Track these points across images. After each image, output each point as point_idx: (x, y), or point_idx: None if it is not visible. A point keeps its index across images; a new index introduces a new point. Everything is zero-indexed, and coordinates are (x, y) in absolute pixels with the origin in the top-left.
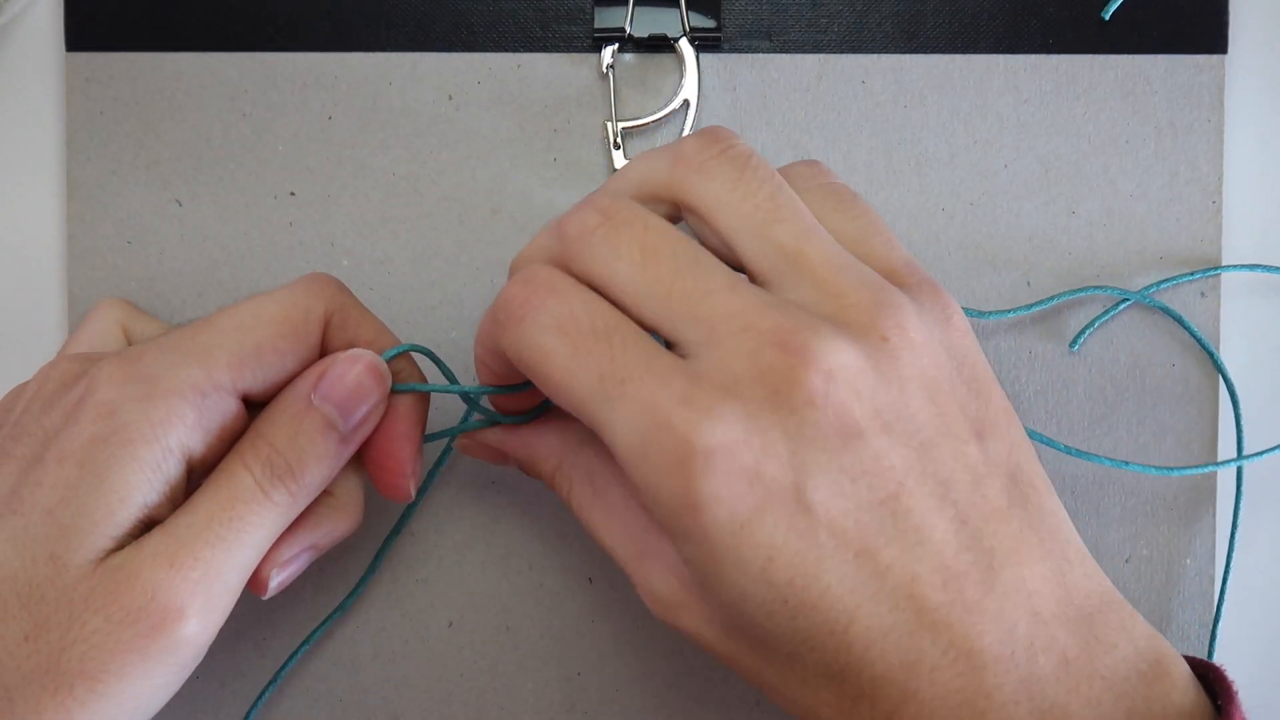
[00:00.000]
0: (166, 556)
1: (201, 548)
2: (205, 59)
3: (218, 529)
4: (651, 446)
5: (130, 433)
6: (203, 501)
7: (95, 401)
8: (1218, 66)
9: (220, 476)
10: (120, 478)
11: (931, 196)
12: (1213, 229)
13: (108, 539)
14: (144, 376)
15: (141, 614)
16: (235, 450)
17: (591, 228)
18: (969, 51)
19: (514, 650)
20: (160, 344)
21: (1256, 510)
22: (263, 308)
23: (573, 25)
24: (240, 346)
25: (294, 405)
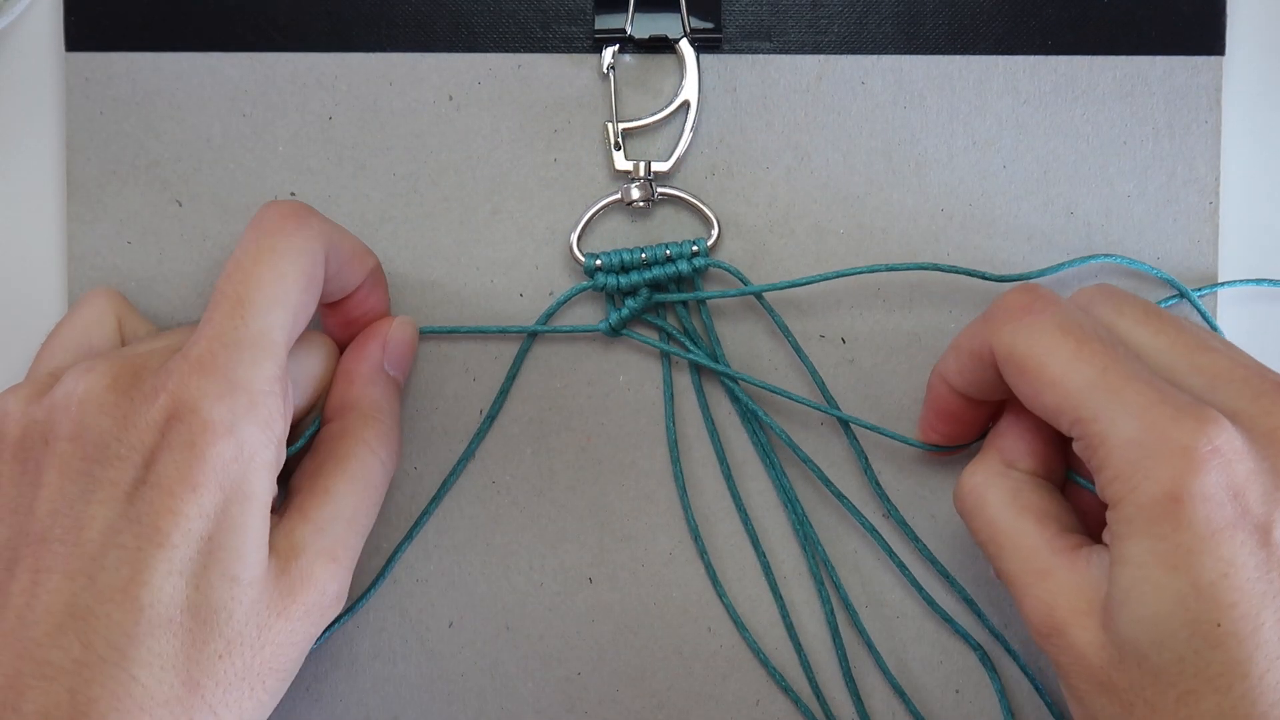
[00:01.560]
0: (329, 554)
1: (355, 540)
2: (205, 59)
3: (363, 520)
4: (1151, 438)
5: (254, 445)
6: (343, 492)
7: (203, 422)
8: (1215, 68)
9: (352, 464)
10: (261, 489)
11: (930, 197)
12: (1210, 230)
13: (265, 547)
14: (237, 385)
15: (315, 607)
16: (351, 434)
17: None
18: (968, 52)
19: (514, 650)
20: (223, 340)
21: None
22: (283, 268)
23: (573, 26)
24: (287, 320)
25: (379, 379)
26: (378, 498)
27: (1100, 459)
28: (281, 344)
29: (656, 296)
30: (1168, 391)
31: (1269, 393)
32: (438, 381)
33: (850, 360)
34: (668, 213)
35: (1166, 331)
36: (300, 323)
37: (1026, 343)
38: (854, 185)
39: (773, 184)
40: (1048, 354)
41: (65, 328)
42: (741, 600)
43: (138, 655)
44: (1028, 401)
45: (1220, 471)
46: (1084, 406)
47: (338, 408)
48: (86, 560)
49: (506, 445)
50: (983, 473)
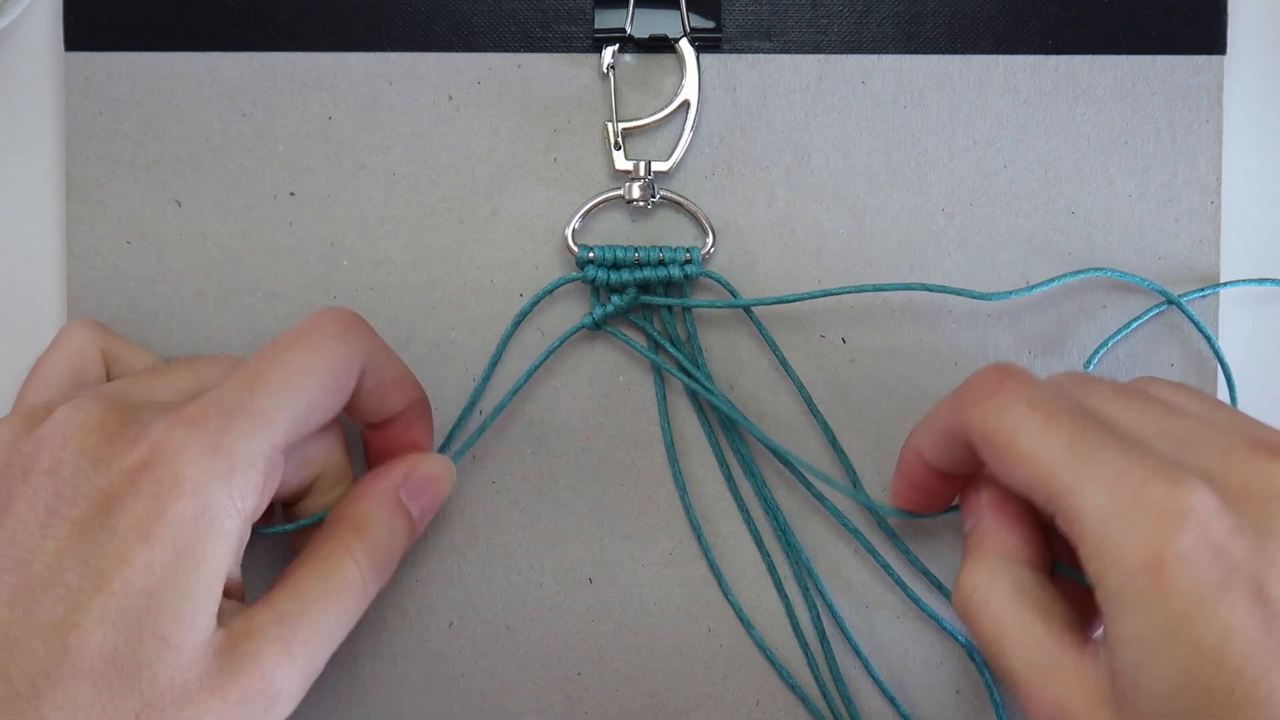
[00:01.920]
0: (283, 644)
1: (317, 640)
2: (205, 59)
3: (329, 620)
4: (1124, 507)
5: (218, 511)
6: (314, 590)
7: (175, 476)
8: (1217, 67)
9: (328, 565)
10: (214, 557)
11: (931, 197)
12: (1211, 229)
13: (211, 617)
14: (218, 448)
15: (257, 696)
16: (337, 536)
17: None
18: (969, 52)
19: (514, 650)
20: (223, 406)
21: None
22: (311, 365)
23: (573, 25)
24: (296, 409)
25: (388, 502)
26: (349, 609)
27: (1078, 533)
28: (281, 428)
29: (643, 298)
30: (1138, 456)
31: (1238, 449)
32: (438, 382)
33: (850, 360)
34: (668, 215)
35: (1134, 403)
36: (312, 419)
37: (997, 420)
38: (854, 185)
39: (773, 183)
40: (1017, 429)
41: (48, 362)
42: (741, 600)
43: (52, 697)
44: (1004, 479)
45: (1198, 531)
46: (1055, 479)
47: (336, 517)
48: (26, 593)
49: (506, 445)
50: (984, 570)
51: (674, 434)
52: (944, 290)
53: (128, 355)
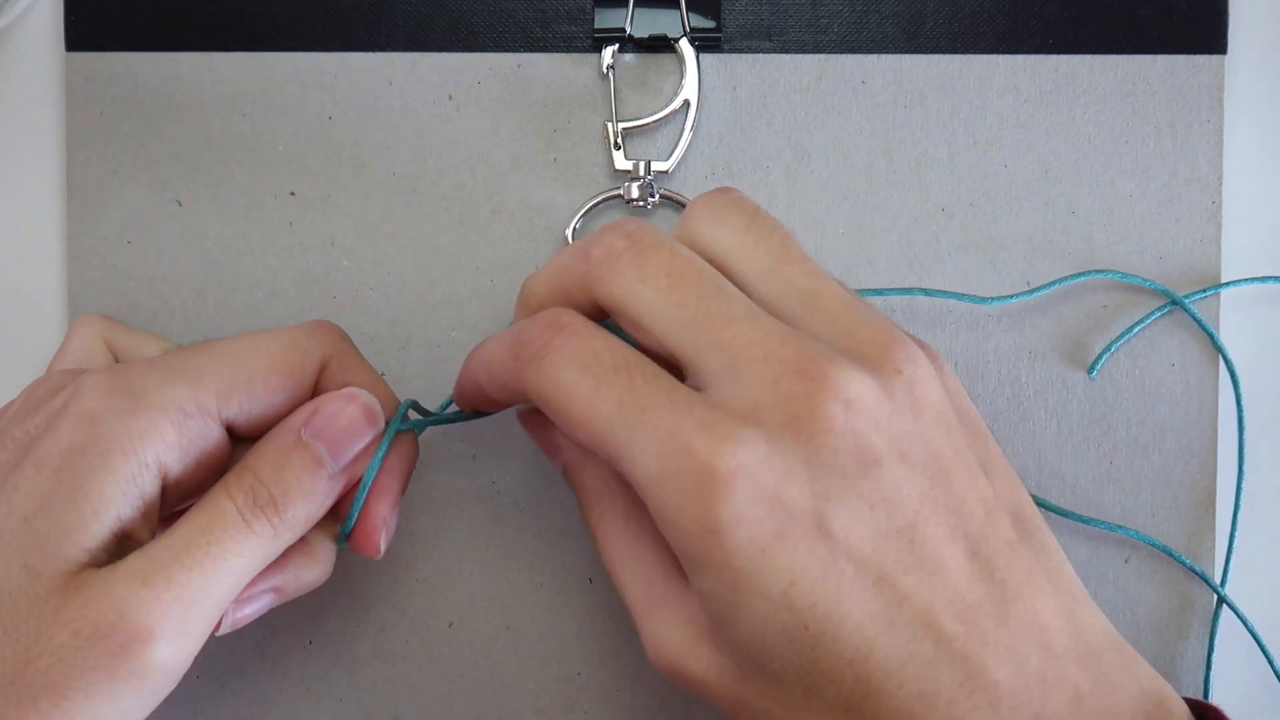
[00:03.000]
0: (140, 575)
1: (177, 570)
2: (205, 59)
3: (195, 553)
4: (672, 471)
5: (108, 443)
6: (182, 527)
7: (77, 409)
8: (1217, 67)
9: (203, 503)
10: (95, 488)
11: (931, 196)
12: (1212, 229)
13: (81, 551)
14: (129, 389)
15: (110, 631)
16: (221, 480)
17: (618, 251)
18: (969, 52)
19: (514, 650)
20: (151, 362)
21: (1255, 509)
22: (260, 341)
23: (573, 25)
24: (231, 374)
25: (283, 439)
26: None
27: (640, 495)
28: (210, 387)
29: None
30: (684, 411)
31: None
32: (437, 382)
33: None
34: (668, 214)
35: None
36: (255, 393)
37: (552, 384)
38: (854, 185)
39: (773, 183)
40: (569, 396)
41: (55, 364)
42: None
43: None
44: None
45: (748, 488)
46: (610, 443)
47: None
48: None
49: (506, 445)
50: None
51: None
52: (943, 295)
53: (135, 344)
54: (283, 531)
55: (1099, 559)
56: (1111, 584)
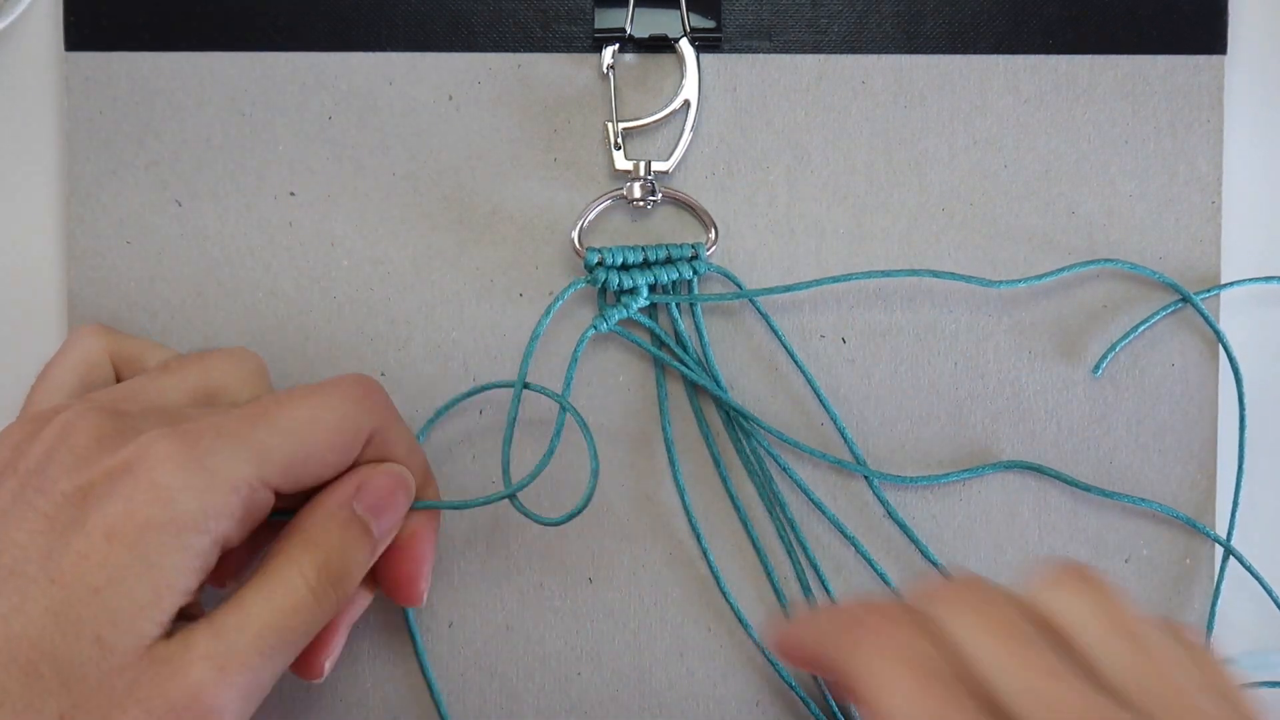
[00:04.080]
0: (217, 660)
1: (253, 656)
2: (205, 59)
3: (271, 639)
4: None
5: (184, 522)
6: (256, 604)
7: (151, 481)
8: (1217, 67)
9: (274, 580)
10: (171, 566)
11: (931, 197)
12: (1212, 229)
13: (154, 626)
14: (202, 465)
15: (184, 711)
16: (284, 552)
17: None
18: (969, 52)
19: (514, 650)
20: (218, 428)
21: (1254, 510)
22: (320, 416)
23: (573, 25)
24: (295, 453)
25: (340, 514)
26: (295, 625)
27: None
28: (274, 463)
29: (653, 297)
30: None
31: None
32: (436, 382)
33: (850, 360)
34: (668, 213)
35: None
36: (310, 468)
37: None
38: (854, 185)
39: (773, 184)
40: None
41: (55, 368)
42: (741, 601)
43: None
44: None
45: None
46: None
47: (288, 533)
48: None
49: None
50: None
51: (676, 434)
52: (951, 277)
53: (138, 353)
54: (341, 603)
55: (1099, 560)
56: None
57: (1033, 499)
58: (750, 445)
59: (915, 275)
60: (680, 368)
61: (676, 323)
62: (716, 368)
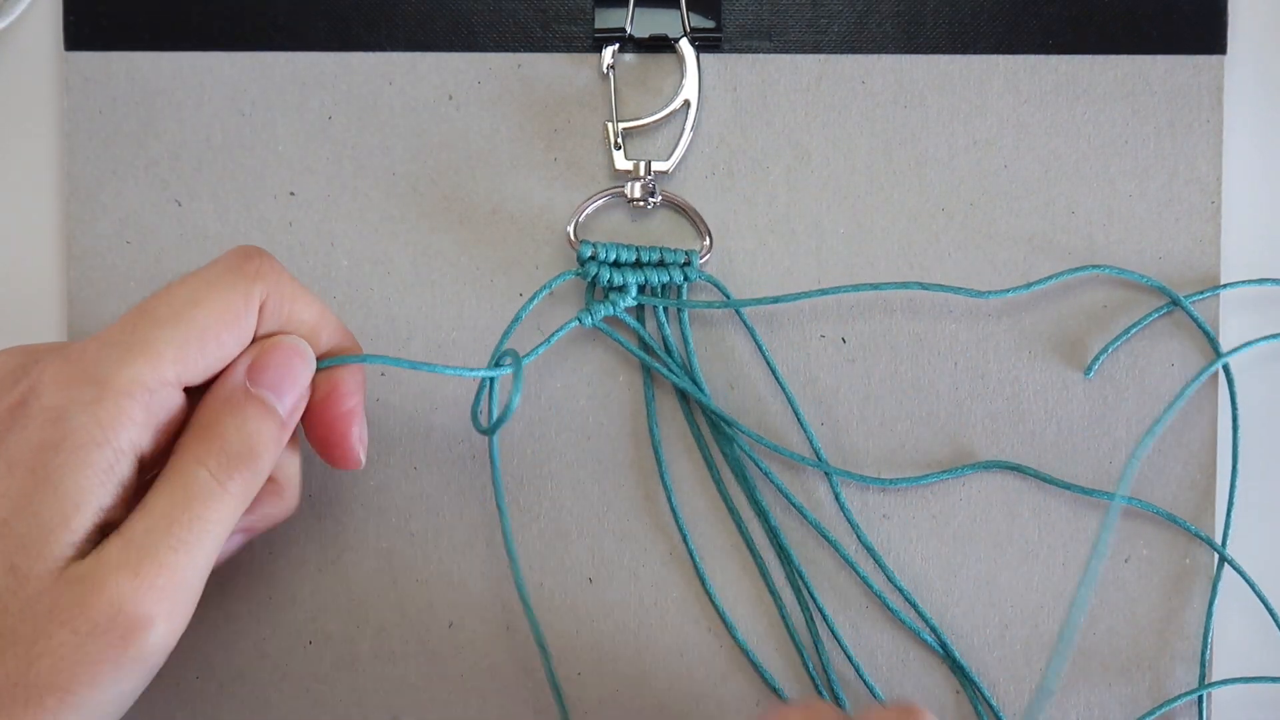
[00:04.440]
0: (130, 566)
1: (165, 553)
2: (205, 58)
3: (179, 532)
4: None
5: (80, 437)
6: (159, 503)
7: (41, 406)
8: (1217, 67)
9: (174, 476)
10: (74, 484)
11: (931, 196)
12: (1211, 229)
13: (67, 547)
14: (90, 378)
15: (110, 625)
16: (182, 446)
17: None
18: (969, 52)
19: (514, 651)
20: (101, 339)
21: (1252, 512)
22: (200, 295)
23: (573, 25)
24: (184, 338)
25: (234, 395)
26: (205, 516)
27: None
28: (166, 357)
29: (640, 298)
30: None
31: None
32: (438, 381)
33: (850, 360)
34: (668, 215)
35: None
36: (207, 351)
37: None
38: (854, 184)
39: (773, 183)
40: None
41: None
42: (736, 603)
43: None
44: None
45: None
46: None
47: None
48: None
49: (506, 445)
50: None
51: (668, 436)
52: (940, 289)
53: None
54: (253, 485)
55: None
56: (1112, 584)
57: (1032, 500)
58: (732, 450)
59: (905, 288)
60: (663, 371)
61: (663, 326)
62: (699, 373)
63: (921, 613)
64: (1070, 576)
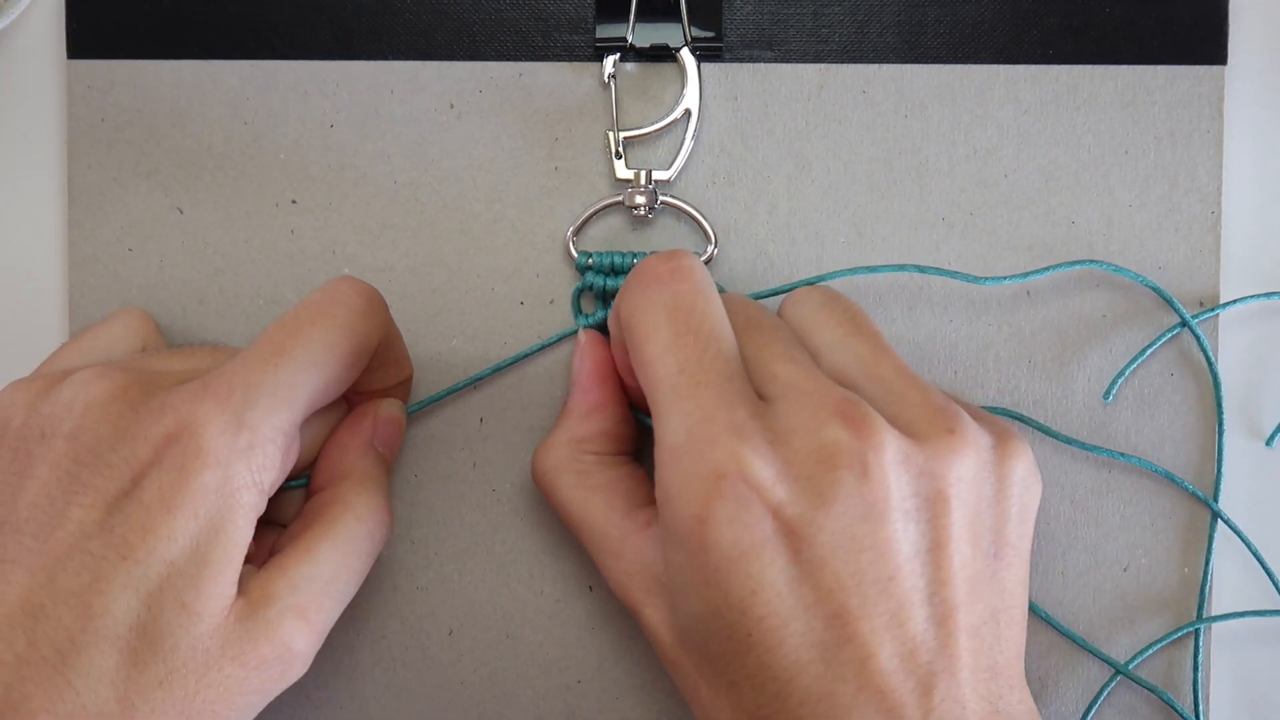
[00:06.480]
0: (299, 610)
1: (328, 602)
2: (206, 66)
3: (343, 586)
4: (690, 452)
5: (239, 484)
6: (326, 553)
7: (199, 449)
8: (1217, 77)
9: (337, 529)
10: (234, 528)
11: (932, 206)
12: (1211, 239)
13: (230, 585)
14: (243, 423)
15: (276, 661)
16: (341, 501)
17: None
18: (969, 61)
19: (514, 658)
20: (247, 379)
21: (1253, 516)
22: (334, 341)
23: (574, 35)
24: (322, 388)
25: (370, 452)
26: (360, 566)
27: (655, 454)
28: (302, 403)
29: None
30: (725, 406)
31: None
32: (438, 388)
33: None
34: (669, 222)
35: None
36: (329, 394)
37: (640, 316)
38: (855, 194)
39: (774, 193)
40: (649, 334)
41: (88, 336)
42: None
43: (78, 663)
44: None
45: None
46: (655, 398)
47: (329, 476)
48: (51, 559)
49: (507, 452)
50: (552, 457)
51: None
52: (936, 272)
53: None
54: None
55: (1098, 567)
56: (1110, 592)
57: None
58: None
59: (902, 270)
60: None
61: None
62: None
63: None
64: (1069, 585)
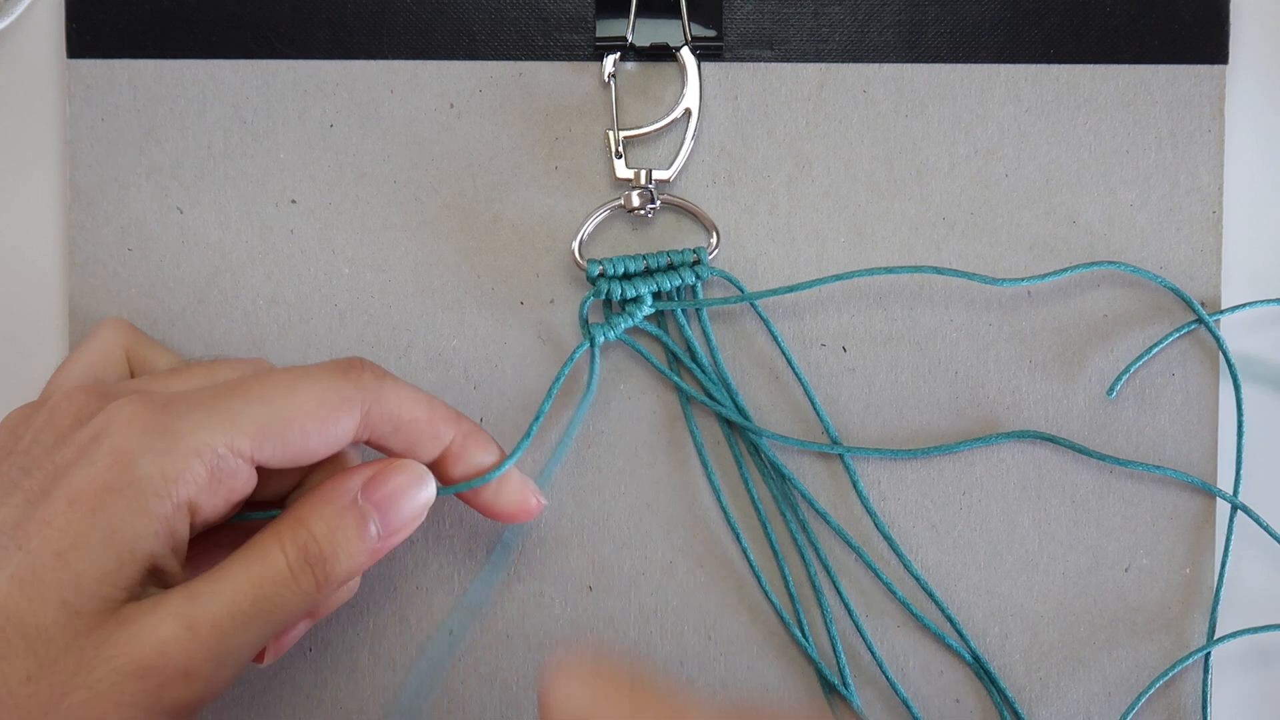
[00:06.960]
0: (185, 618)
1: (223, 618)
2: (207, 66)
3: (242, 604)
4: None
5: (143, 485)
6: (233, 572)
7: (112, 446)
8: (1218, 76)
9: (255, 551)
10: (131, 529)
11: (932, 206)
12: (1213, 239)
13: (119, 590)
14: (165, 430)
15: (151, 670)
16: (273, 529)
17: None
18: (970, 61)
19: (514, 658)
20: (187, 398)
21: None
22: (297, 385)
23: (574, 34)
24: (267, 419)
25: (339, 499)
26: (271, 596)
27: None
28: (245, 433)
29: (657, 304)
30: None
31: None
32: (438, 389)
33: (851, 369)
34: (668, 221)
35: None
36: (291, 439)
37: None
38: (855, 193)
39: (774, 192)
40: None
41: (73, 359)
42: (738, 611)
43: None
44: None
45: None
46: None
47: (285, 511)
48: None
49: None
50: None
51: (669, 444)
52: (954, 274)
53: (153, 357)
54: (325, 588)
55: (1100, 567)
56: (1112, 593)
57: (1032, 509)
58: (759, 458)
59: (919, 271)
60: (699, 375)
61: (684, 329)
62: (727, 372)
63: (918, 616)
64: (1070, 585)
